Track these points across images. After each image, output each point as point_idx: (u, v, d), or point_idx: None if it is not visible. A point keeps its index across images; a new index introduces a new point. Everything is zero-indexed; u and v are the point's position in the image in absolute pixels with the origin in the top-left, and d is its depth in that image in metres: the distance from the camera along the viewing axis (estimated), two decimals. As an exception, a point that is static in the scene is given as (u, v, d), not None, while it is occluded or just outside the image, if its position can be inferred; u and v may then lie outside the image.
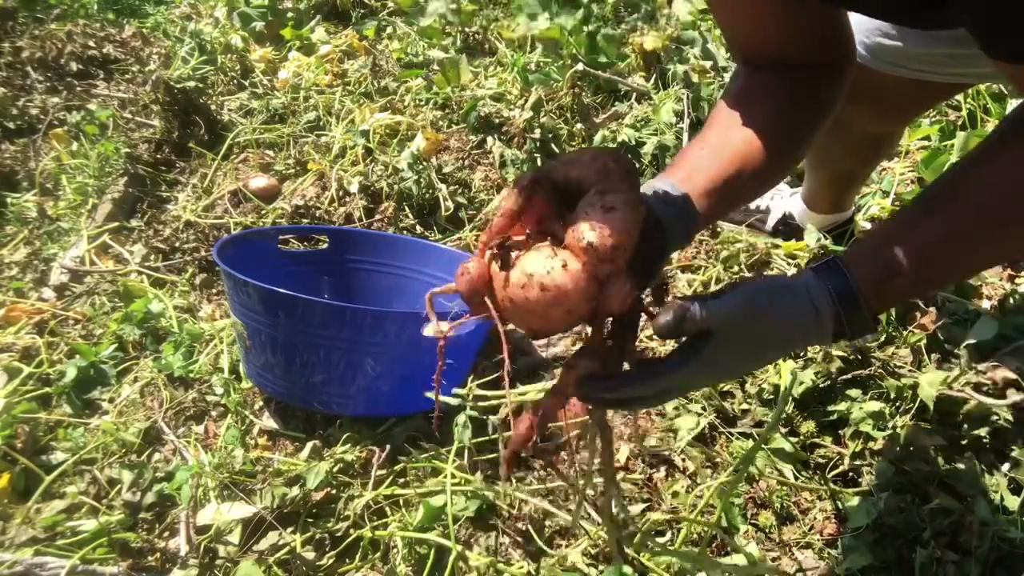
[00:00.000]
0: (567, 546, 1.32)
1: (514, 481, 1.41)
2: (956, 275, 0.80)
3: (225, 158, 2.29)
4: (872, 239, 0.79)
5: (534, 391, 1.44)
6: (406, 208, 2.03)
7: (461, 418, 1.43)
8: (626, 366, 0.75)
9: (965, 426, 1.38)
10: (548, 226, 0.73)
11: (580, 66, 2.26)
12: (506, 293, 0.71)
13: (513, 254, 0.71)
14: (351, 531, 1.34)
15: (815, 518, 1.35)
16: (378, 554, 1.32)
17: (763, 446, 1.40)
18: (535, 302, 0.69)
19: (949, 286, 1.60)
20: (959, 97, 2.01)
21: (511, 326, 0.75)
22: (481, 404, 1.43)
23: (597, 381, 0.73)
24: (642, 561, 1.25)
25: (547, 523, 1.36)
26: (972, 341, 1.45)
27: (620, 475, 1.42)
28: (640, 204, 0.71)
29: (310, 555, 1.31)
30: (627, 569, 1.22)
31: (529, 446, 0.77)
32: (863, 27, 1.23)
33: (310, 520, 1.37)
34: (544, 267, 0.69)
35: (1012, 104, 1.87)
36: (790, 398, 1.45)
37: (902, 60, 1.21)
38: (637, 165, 0.79)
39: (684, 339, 0.74)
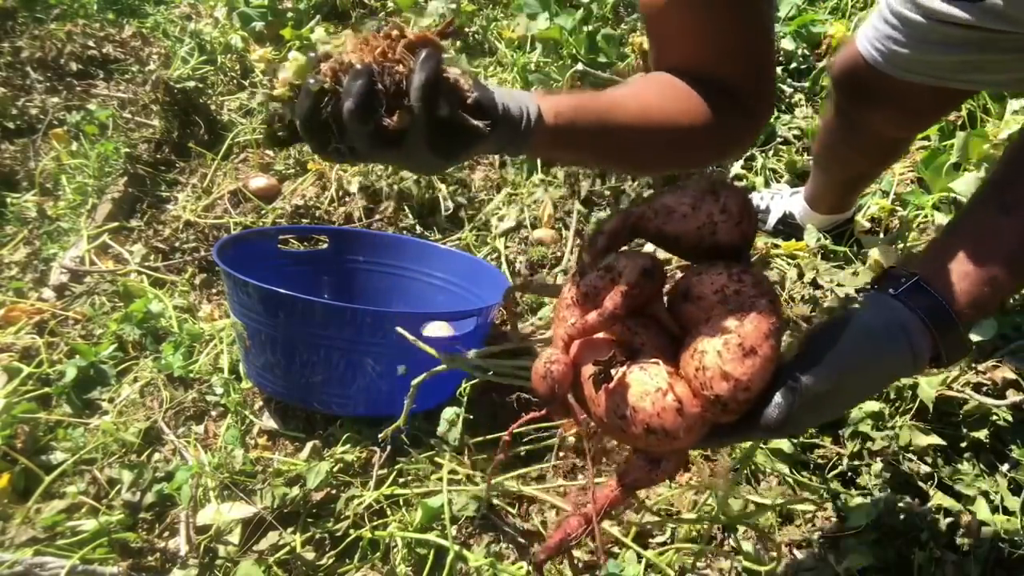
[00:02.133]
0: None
1: (516, 482, 1.41)
2: None
3: (225, 158, 2.29)
4: (946, 250, 0.70)
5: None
6: (406, 208, 2.03)
7: (448, 414, 1.42)
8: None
9: (965, 427, 1.38)
10: (653, 309, 0.63)
11: (580, 66, 2.26)
12: (598, 412, 0.61)
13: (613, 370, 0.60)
14: (351, 531, 1.34)
15: (815, 517, 1.35)
16: (378, 554, 1.32)
17: (763, 446, 1.40)
18: (634, 438, 0.59)
19: None
20: (959, 97, 2.01)
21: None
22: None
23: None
24: (647, 557, 1.25)
25: (549, 521, 1.36)
26: (972, 341, 1.45)
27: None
28: (782, 319, 0.60)
29: (310, 555, 1.31)
30: (628, 568, 1.22)
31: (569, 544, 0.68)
32: (877, 35, 1.23)
33: (310, 520, 1.37)
34: (652, 406, 0.57)
35: (1012, 104, 1.87)
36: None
37: (915, 67, 1.20)
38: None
39: None
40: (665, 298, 0.66)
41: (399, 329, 0.69)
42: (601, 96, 0.82)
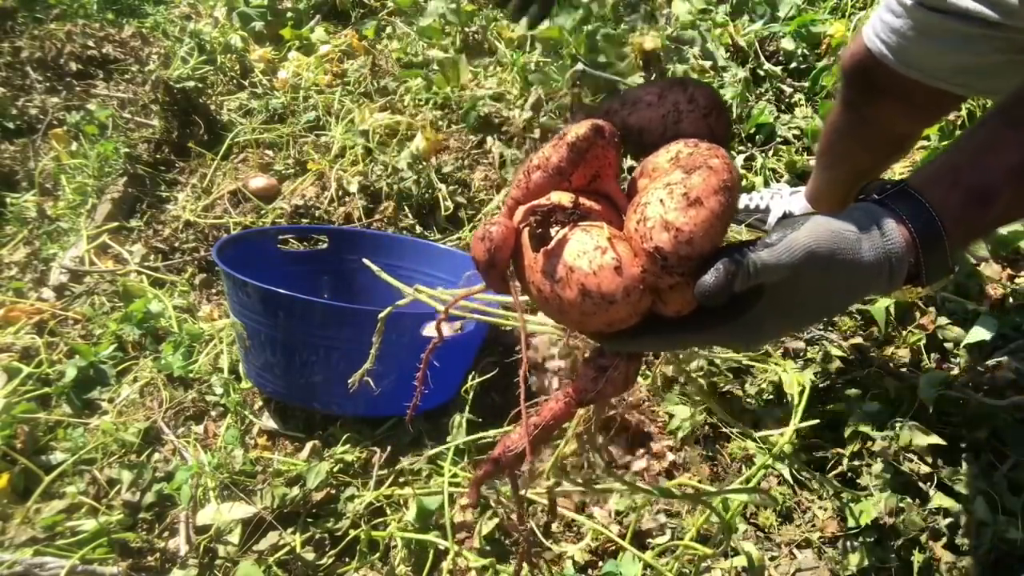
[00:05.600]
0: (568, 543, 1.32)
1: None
2: None
3: (224, 158, 2.29)
4: (943, 162, 0.65)
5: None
6: (406, 208, 2.03)
7: (457, 418, 1.43)
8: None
9: (964, 427, 1.38)
10: (606, 186, 0.59)
11: (580, 66, 2.26)
12: (534, 278, 0.56)
13: (554, 229, 0.55)
14: (351, 531, 1.34)
15: (815, 517, 1.35)
16: (377, 554, 1.32)
17: (762, 445, 1.40)
18: (570, 304, 0.54)
19: None
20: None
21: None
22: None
23: (612, 338, 0.59)
24: (647, 560, 1.25)
25: (549, 520, 1.36)
26: (972, 341, 1.45)
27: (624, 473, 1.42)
28: (737, 181, 0.54)
29: (310, 555, 1.31)
30: (626, 568, 1.22)
31: (507, 465, 0.63)
32: (883, 27, 1.21)
33: (310, 520, 1.36)
34: (589, 264, 0.53)
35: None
36: (790, 397, 1.45)
37: (915, 62, 1.19)
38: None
39: None
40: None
41: (365, 261, 0.66)
42: None
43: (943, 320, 1.52)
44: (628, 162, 1.70)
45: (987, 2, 1.01)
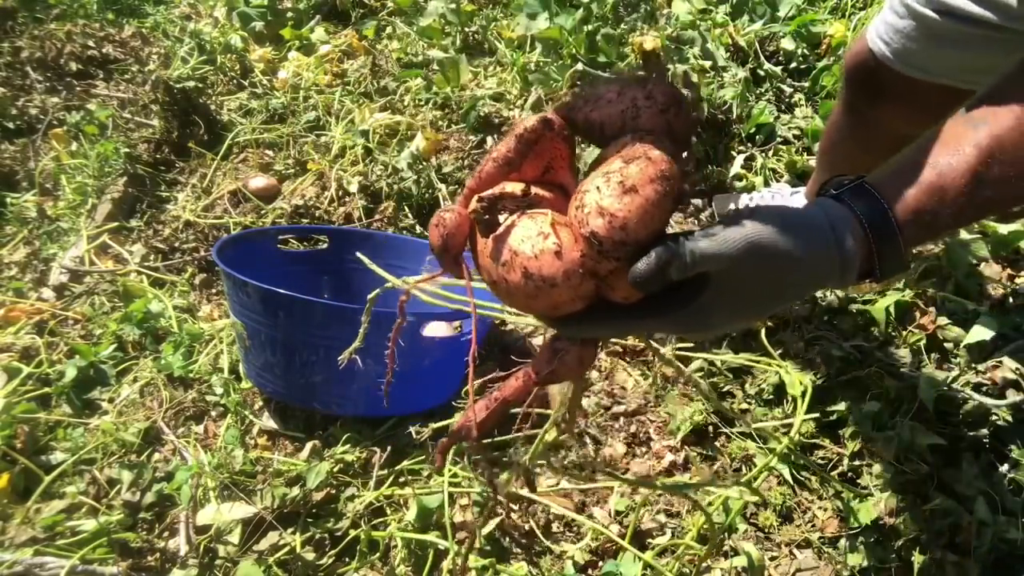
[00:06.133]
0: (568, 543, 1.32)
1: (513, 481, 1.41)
2: (1010, 196, 0.65)
3: (224, 158, 2.29)
4: (904, 159, 0.65)
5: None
6: (406, 208, 2.03)
7: (457, 418, 1.43)
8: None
9: (964, 427, 1.38)
10: (560, 177, 0.61)
11: (580, 66, 2.26)
12: (485, 263, 0.59)
13: (503, 216, 0.58)
14: (351, 531, 1.34)
15: (815, 517, 1.35)
16: (377, 554, 1.32)
17: (762, 445, 1.40)
18: (515, 287, 0.57)
19: (993, 215, 1.52)
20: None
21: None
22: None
23: (567, 323, 0.61)
24: (647, 560, 1.25)
25: (552, 519, 1.36)
26: (972, 341, 1.45)
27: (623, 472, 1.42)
28: (679, 171, 0.55)
29: (310, 555, 1.31)
30: (626, 568, 1.22)
31: (474, 435, 0.66)
32: (887, 29, 1.20)
33: (310, 520, 1.37)
34: (532, 248, 0.55)
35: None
36: (790, 398, 1.45)
37: (922, 63, 1.18)
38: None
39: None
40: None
41: (359, 255, 0.69)
42: None
43: (943, 320, 1.52)
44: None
45: (990, 5, 1.00)
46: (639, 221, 0.53)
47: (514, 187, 0.61)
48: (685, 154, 0.60)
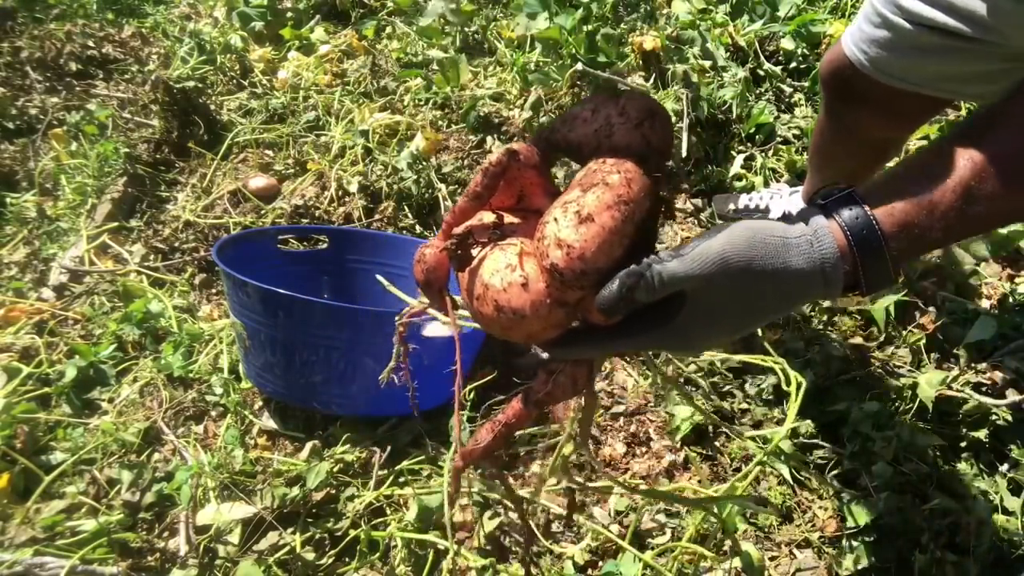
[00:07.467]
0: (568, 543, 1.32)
1: (512, 481, 1.41)
2: (1002, 214, 0.64)
3: (224, 158, 2.29)
4: (895, 172, 0.64)
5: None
6: (406, 208, 2.03)
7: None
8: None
9: (964, 427, 1.38)
10: (535, 203, 0.61)
11: (579, 66, 2.26)
12: (464, 295, 0.61)
13: (476, 249, 0.59)
14: (351, 531, 1.34)
15: (815, 517, 1.36)
16: (377, 554, 1.32)
17: (762, 445, 1.40)
18: (490, 319, 0.58)
19: (984, 232, 1.50)
20: (959, 97, 2.01)
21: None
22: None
23: (552, 344, 0.62)
24: (647, 560, 1.25)
25: (551, 518, 1.36)
26: (972, 341, 1.45)
27: (622, 476, 1.42)
28: (654, 184, 0.55)
29: (310, 555, 1.31)
30: (626, 568, 1.22)
31: (479, 457, 0.66)
32: (863, 36, 1.20)
33: (310, 520, 1.37)
34: (500, 282, 0.56)
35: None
36: (790, 396, 1.45)
37: (898, 72, 1.17)
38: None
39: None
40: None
41: (378, 277, 0.70)
42: None
43: (943, 320, 1.53)
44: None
45: (963, 18, 0.98)
46: (597, 250, 0.53)
47: (489, 217, 0.62)
48: (670, 163, 0.61)
